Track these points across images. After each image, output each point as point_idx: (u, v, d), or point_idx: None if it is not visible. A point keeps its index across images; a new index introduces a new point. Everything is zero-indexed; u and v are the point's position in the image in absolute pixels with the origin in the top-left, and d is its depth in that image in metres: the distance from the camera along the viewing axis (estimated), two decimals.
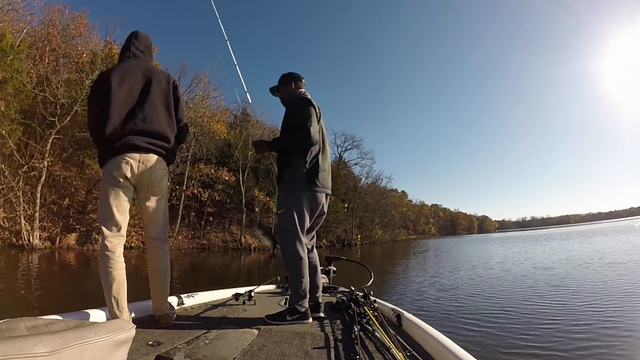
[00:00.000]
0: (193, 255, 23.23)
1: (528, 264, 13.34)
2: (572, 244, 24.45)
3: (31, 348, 0.86)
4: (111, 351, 1.09)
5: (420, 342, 1.94)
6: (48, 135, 18.97)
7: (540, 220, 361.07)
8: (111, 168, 2.10)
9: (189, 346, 1.80)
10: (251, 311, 2.71)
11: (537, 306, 6.44)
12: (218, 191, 30.30)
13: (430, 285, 9.56)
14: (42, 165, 18.69)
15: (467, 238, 78.18)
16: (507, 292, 8.00)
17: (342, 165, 53.17)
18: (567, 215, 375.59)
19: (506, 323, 5.40)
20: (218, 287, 3.47)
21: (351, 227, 48.65)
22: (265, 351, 1.77)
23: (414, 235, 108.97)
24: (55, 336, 0.94)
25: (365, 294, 2.75)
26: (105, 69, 21.00)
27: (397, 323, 2.33)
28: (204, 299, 3.08)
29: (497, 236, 76.04)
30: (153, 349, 1.71)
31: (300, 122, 2.43)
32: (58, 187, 20.95)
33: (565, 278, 9.38)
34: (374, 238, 56.92)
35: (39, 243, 18.63)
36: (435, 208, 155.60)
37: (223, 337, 1.99)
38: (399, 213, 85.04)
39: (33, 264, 13.62)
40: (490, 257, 17.99)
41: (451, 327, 5.26)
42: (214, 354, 1.69)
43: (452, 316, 6.09)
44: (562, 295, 7.34)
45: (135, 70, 2.24)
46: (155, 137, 2.19)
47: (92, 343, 1.02)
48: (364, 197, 54.35)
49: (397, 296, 8.29)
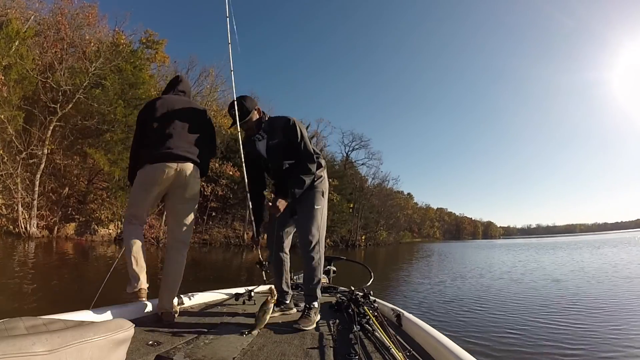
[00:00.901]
0: (194, 250, 22.71)
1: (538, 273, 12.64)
2: (581, 254, 23.58)
3: (30, 347, 0.86)
4: (110, 350, 1.09)
5: (420, 342, 1.95)
6: (49, 122, 18.54)
7: (546, 228, 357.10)
8: (147, 172, 2.37)
9: (189, 346, 1.80)
10: (251, 311, 2.69)
11: (542, 311, 6.30)
12: (222, 186, 29.79)
13: (437, 290, 9.19)
14: (42, 153, 18.28)
15: (472, 243, 76.85)
16: (511, 298, 7.88)
17: (349, 165, 52.63)
18: (573, 225, 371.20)
19: (508, 325, 5.37)
20: (219, 284, 3.62)
21: (356, 228, 48.00)
22: (265, 351, 1.77)
23: (419, 238, 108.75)
24: (54, 335, 0.94)
25: (365, 294, 2.77)
26: (110, 56, 21.69)
27: (397, 323, 2.35)
28: (204, 299, 3.09)
29: (502, 243, 74.64)
30: (153, 349, 1.70)
31: (308, 149, 2.53)
32: (58, 176, 20.49)
33: (578, 290, 8.76)
34: (378, 239, 56.45)
35: (36, 231, 18.24)
36: (441, 212, 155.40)
37: (223, 337, 2.00)
38: (404, 215, 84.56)
39: (29, 252, 13.25)
40: (497, 264, 17.26)
41: (451, 327, 5.27)
42: (214, 354, 1.69)
43: (452, 316, 6.10)
44: (568, 303, 7.12)
45: (177, 101, 2.58)
46: (190, 150, 2.43)
47: (91, 342, 1.02)
48: (369, 197, 53.86)
49: (401, 300, 7.91)
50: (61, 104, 18.81)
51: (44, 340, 0.90)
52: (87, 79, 18.89)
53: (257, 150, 2.64)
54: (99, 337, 1.04)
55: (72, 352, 0.95)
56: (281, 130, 2.54)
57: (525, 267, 15.25)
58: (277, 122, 2.58)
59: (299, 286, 3.64)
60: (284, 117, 2.57)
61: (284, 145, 2.54)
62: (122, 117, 19.47)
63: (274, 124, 2.59)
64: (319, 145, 45.57)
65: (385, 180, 59.40)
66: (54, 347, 0.91)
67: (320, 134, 46.89)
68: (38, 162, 18.29)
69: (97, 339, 1.04)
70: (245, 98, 2.58)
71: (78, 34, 22.18)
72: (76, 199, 21.30)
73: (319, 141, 46.29)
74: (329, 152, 49.22)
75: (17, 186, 17.68)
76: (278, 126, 2.56)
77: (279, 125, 2.55)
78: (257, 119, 2.60)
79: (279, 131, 2.54)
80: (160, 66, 33.99)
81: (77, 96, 18.73)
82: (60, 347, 0.92)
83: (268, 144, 2.59)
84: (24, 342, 0.86)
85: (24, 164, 18.06)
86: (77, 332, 1.00)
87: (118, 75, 20.41)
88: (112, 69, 20.35)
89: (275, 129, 2.56)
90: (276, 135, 2.55)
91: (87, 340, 1.01)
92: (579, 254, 22.72)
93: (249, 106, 2.53)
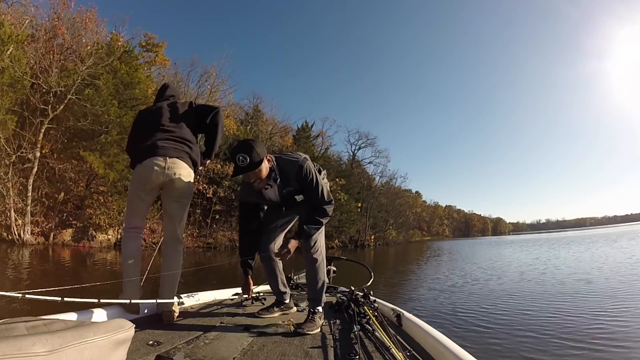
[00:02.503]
0: (198, 255, 22.32)
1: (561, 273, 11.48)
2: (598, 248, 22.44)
3: (30, 347, 0.86)
4: (110, 350, 1.09)
5: (420, 342, 1.96)
6: (41, 125, 17.85)
7: (555, 223, 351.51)
8: (139, 172, 2.39)
9: (189, 346, 1.80)
10: (251, 311, 2.70)
11: (571, 316, 5.82)
12: (225, 188, 28.99)
13: (449, 294, 8.59)
14: (33, 156, 17.61)
15: (482, 240, 75.33)
16: (523, 297, 7.59)
17: (356, 164, 51.83)
18: (583, 218, 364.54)
19: (512, 326, 5.26)
20: (222, 288, 3.47)
21: (364, 228, 46.93)
22: (265, 351, 1.78)
23: (428, 236, 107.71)
24: (54, 335, 0.94)
25: (365, 294, 2.77)
26: (104, 56, 21.14)
27: (397, 323, 2.34)
28: (204, 299, 3.08)
29: (512, 239, 73.08)
30: (153, 349, 1.70)
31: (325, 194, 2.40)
32: (53, 180, 19.84)
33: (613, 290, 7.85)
34: (387, 239, 55.38)
35: (30, 238, 17.59)
36: (450, 209, 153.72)
37: (223, 337, 2.00)
38: (413, 214, 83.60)
39: (24, 260, 12.77)
40: (513, 263, 16.15)
41: (451, 327, 5.26)
42: (214, 354, 1.69)
43: (452, 316, 6.05)
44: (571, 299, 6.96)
45: (162, 105, 2.63)
46: (176, 146, 2.45)
47: (91, 342, 1.02)
48: (378, 196, 52.87)
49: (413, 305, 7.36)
50: (52, 105, 18.13)
51: (44, 340, 0.90)
52: (78, 78, 18.20)
53: (266, 199, 2.49)
54: (99, 338, 1.04)
55: (72, 353, 0.95)
56: (294, 178, 2.34)
57: (544, 264, 14.23)
58: (288, 169, 2.34)
59: (299, 286, 3.69)
60: (295, 163, 2.33)
61: (298, 191, 2.41)
62: (116, 118, 18.74)
63: (284, 170, 2.34)
64: (324, 145, 45.19)
65: (393, 178, 58.35)
66: (54, 347, 0.91)
67: (326, 133, 46.10)
68: (31, 166, 17.63)
69: (97, 339, 1.04)
70: (255, 143, 2.19)
71: (76, 39, 21.70)
72: (73, 204, 20.62)
73: (324, 140, 45.70)
74: (335, 152, 48.70)
75: (9, 191, 17.04)
76: (290, 174, 2.34)
77: (291, 173, 2.34)
78: (268, 168, 2.28)
79: (292, 179, 2.35)
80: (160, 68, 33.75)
81: (69, 97, 18.03)
82: (61, 347, 0.92)
83: (281, 192, 2.41)
84: (24, 343, 0.86)
85: (15, 168, 17.42)
86: (77, 333, 1.00)
87: (112, 76, 19.73)
88: (105, 69, 19.70)
89: (288, 177, 2.35)
90: (290, 183, 2.37)
91: (87, 340, 1.01)
92: (598, 249, 21.67)
93: (260, 153, 2.17)
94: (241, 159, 2.12)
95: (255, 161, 2.13)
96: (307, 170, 2.31)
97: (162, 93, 2.80)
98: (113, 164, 18.51)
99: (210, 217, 29.45)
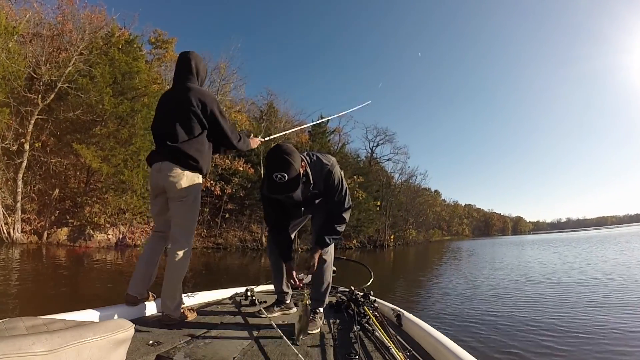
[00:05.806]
0: (207, 256, 21.11)
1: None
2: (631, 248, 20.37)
3: (30, 347, 0.86)
4: (110, 350, 1.07)
5: (420, 341, 1.96)
6: (30, 115, 16.53)
7: (576, 222, 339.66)
8: (150, 176, 2.44)
9: (189, 346, 1.79)
10: (251, 311, 2.67)
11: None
12: (235, 185, 27.46)
13: (465, 298, 8.01)
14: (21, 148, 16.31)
15: (502, 240, 71.98)
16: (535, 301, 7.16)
17: (374, 162, 50.14)
18: (604, 217, 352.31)
19: (513, 327, 5.15)
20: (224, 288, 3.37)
21: (384, 227, 44.89)
22: (265, 351, 1.77)
23: (448, 236, 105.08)
24: (54, 335, 0.93)
25: (365, 294, 2.78)
26: (103, 46, 20.06)
27: (397, 323, 2.34)
28: (204, 299, 3.05)
29: (533, 238, 69.57)
30: (153, 349, 1.69)
31: (346, 201, 2.37)
32: (47, 176, 18.59)
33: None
34: (407, 239, 53.44)
35: (21, 237, 16.37)
36: (469, 208, 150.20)
37: (223, 337, 1.99)
38: (433, 212, 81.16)
39: (13, 260, 11.88)
40: (545, 265, 14.32)
41: (451, 327, 5.19)
42: (214, 354, 1.69)
43: (452, 316, 6.02)
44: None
45: (170, 94, 2.47)
46: (167, 148, 2.31)
47: (91, 342, 1.01)
48: (397, 194, 50.80)
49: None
50: (42, 94, 16.79)
51: (44, 340, 0.90)
52: (69, 65, 16.83)
53: (294, 199, 2.30)
54: (98, 337, 1.03)
55: (71, 352, 0.95)
56: (322, 181, 2.28)
57: (574, 266, 12.98)
58: (317, 173, 2.26)
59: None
60: (324, 166, 2.28)
61: (322, 194, 2.36)
62: (111, 108, 17.30)
63: (313, 173, 2.24)
64: (340, 142, 43.54)
65: (413, 175, 56.06)
66: (54, 347, 0.90)
67: (343, 129, 44.20)
68: (20, 159, 16.35)
69: (97, 339, 1.03)
70: (292, 156, 2.00)
71: (80, 35, 20.37)
72: (70, 202, 19.30)
73: (341, 138, 43.85)
74: (352, 149, 46.93)
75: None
76: (319, 178, 2.27)
77: (320, 177, 2.27)
78: (302, 175, 2.13)
79: (319, 182, 2.28)
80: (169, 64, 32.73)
81: (60, 85, 16.65)
82: (60, 347, 0.92)
83: (307, 193, 2.30)
84: (23, 342, 0.86)
85: (3, 162, 16.20)
86: (77, 332, 0.99)
87: (109, 65, 18.37)
88: (102, 57, 18.38)
89: (316, 181, 2.27)
90: (316, 186, 2.29)
91: (87, 340, 1.00)
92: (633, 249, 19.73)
93: (297, 167, 2.02)
94: (279, 177, 1.97)
95: (294, 177, 2.00)
96: (335, 175, 2.31)
97: (179, 71, 2.44)
98: (109, 157, 17.12)
99: (220, 216, 28.01)
